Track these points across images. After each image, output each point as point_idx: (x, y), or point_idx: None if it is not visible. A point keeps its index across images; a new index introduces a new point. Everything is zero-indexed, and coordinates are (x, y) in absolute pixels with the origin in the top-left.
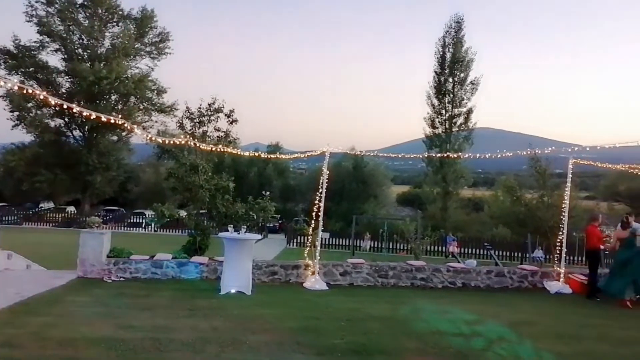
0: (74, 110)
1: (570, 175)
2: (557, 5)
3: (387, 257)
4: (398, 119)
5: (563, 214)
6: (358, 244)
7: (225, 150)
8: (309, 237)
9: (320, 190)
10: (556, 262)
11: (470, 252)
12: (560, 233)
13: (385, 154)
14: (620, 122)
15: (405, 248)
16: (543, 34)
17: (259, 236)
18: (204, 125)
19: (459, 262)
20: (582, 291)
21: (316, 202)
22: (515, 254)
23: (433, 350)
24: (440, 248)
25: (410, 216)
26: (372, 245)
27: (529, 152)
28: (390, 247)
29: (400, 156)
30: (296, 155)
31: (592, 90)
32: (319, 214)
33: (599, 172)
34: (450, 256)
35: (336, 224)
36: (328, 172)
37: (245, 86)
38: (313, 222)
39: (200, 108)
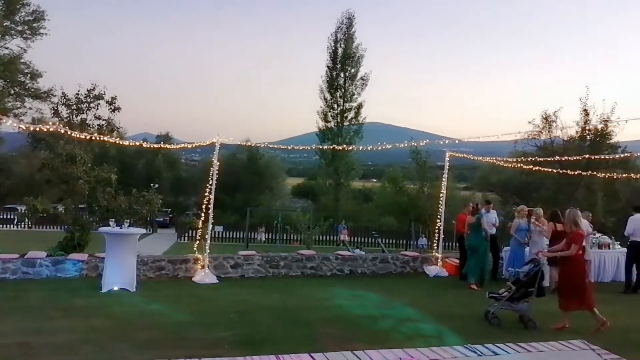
0: None
1: (447, 167)
2: (448, 7)
3: (281, 248)
4: (294, 112)
5: (440, 203)
6: (253, 236)
7: (103, 139)
8: (199, 231)
9: (211, 183)
10: (435, 248)
11: (359, 240)
12: (438, 221)
13: (275, 146)
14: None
15: (298, 238)
16: (434, 35)
17: (143, 230)
18: (83, 113)
19: (348, 250)
20: (456, 274)
21: (206, 194)
22: (401, 242)
23: (320, 337)
24: (332, 237)
25: (304, 207)
26: (266, 237)
27: (405, 145)
28: (284, 238)
29: (290, 148)
30: (183, 145)
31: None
32: (209, 206)
33: (475, 164)
34: (341, 244)
35: (230, 217)
36: (219, 163)
37: (134, 74)
38: (203, 215)
39: (78, 94)
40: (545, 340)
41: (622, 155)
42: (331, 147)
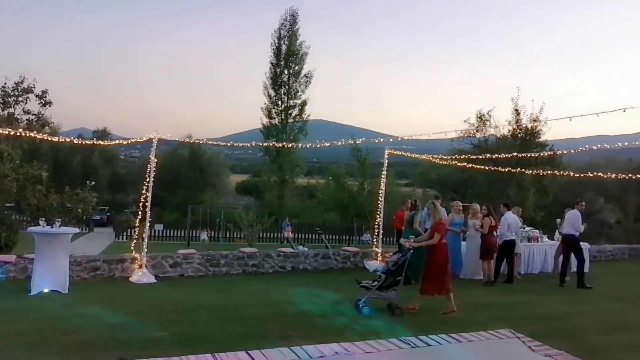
0: None
1: (387, 164)
2: (393, 5)
3: (224, 246)
4: (238, 108)
5: (380, 199)
6: (196, 235)
7: (31, 135)
8: (136, 230)
9: (148, 180)
10: (374, 243)
11: (303, 236)
12: (378, 217)
13: (216, 142)
14: (441, 118)
15: (241, 236)
16: (380, 34)
17: (76, 230)
18: (10, 107)
19: (292, 247)
20: None
21: (143, 192)
22: (344, 237)
23: (259, 334)
24: (276, 234)
25: (247, 205)
26: (209, 235)
27: (343, 143)
28: (227, 236)
29: (229, 145)
30: (118, 141)
31: (420, 88)
32: (147, 204)
33: (416, 161)
34: (285, 241)
35: (171, 215)
36: (156, 160)
37: (70, 68)
38: (140, 213)
39: (4, 87)
40: (475, 331)
41: (549, 153)
42: (271, 144)
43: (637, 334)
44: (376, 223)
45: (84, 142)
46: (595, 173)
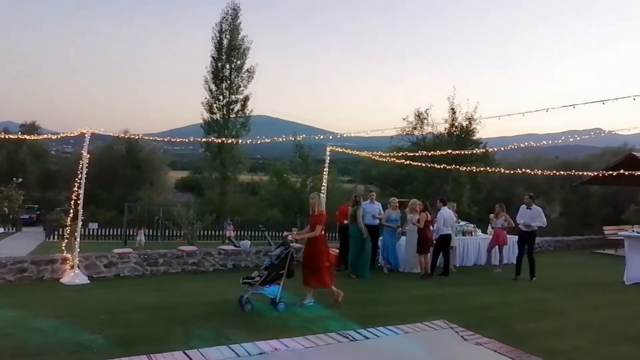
0: None
1: (328, 161)
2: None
3: (163, 244)
4: (178, 103)
5: (322, 195)
6: (133, 233)
7: None
8: (67, 229)
9: (80, 177)
10: None
11: (246, 234)
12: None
13: (151, 138)
14: (383, 116)
15: (180, 234)
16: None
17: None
18: None
19: (235, 245)
20: (337, 263)
21: (75, 189)
22: None
23: (197, 333)
24: (217, 232)
25: (187, 202)
26: (147, 234)
27: (284, 139)
28: (166, 234)
29: (166, 140)
30: (46, 136)
31: (364, 86)
32: (79, 202)
33: (358, 158)
34: (227, 241)
35: (107, 213)
36: (88, 155)
37: None
38: (72, 211)
39: None
40: (412, 322)
41: (482, 151)
42: (210, 139)
43: (559, 320)
44: None
45: (8, 137)
46: (523, 170)
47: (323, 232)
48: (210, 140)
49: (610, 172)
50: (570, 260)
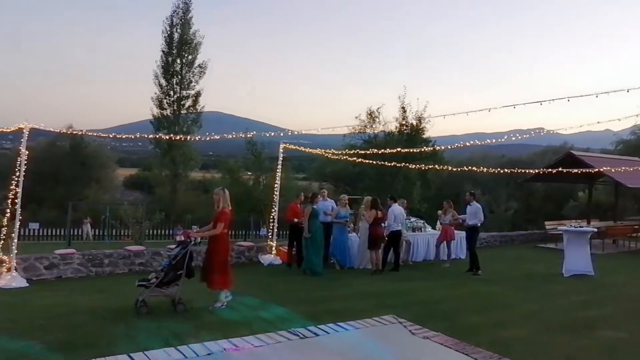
0: None
1: (282, 158)
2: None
3: (109, 244)
4: (126, 98)
5: (275, 193)
6: (78, 233)
7: None
8: (4, 229)
9: (18, 174)
10: (269, 236)
11: None
12: (273, 210)
13: (96, 134)
14: (337, 114)
15: (127, 234)
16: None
17: None
18: None
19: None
20: (289, 260)
21: (12, 187)
22: (240, 232)
23: (144, 335)
24: (167, 231)
25: (136, 200)
26: (93, 233)
27: (234, 136)
28: (113, 234)
29: (112, 136)
30: None
31: (318, 83)
32: (17, 201)
33: (312, 156)
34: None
35: (50, 212)
36: (27, 152)
37: None
38: (9, 210)
39: None
40: (362, 318)
41: (431, 149)
42: (158, 135)
43: (503, 313)
44: (271, 217)
45: None
46: (470, 167)
47: (226, 230)
48: (159, 136)
49: (550, 170)
50: (515, 254)
